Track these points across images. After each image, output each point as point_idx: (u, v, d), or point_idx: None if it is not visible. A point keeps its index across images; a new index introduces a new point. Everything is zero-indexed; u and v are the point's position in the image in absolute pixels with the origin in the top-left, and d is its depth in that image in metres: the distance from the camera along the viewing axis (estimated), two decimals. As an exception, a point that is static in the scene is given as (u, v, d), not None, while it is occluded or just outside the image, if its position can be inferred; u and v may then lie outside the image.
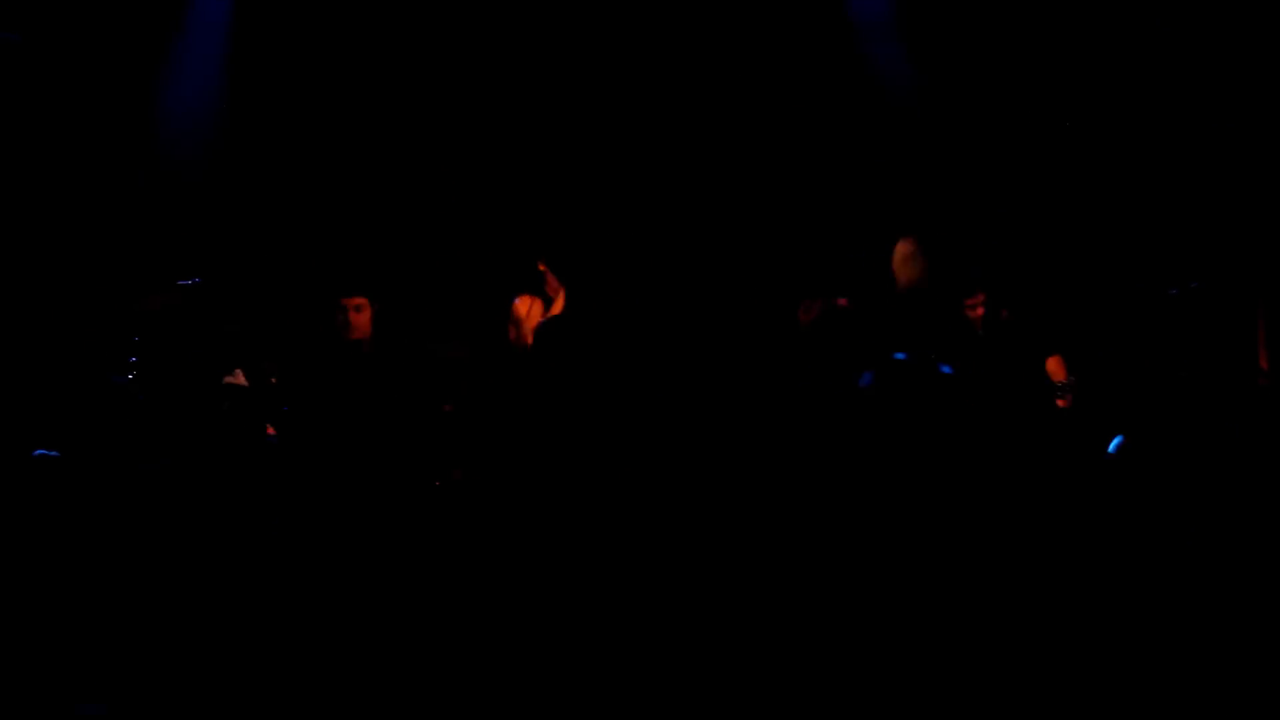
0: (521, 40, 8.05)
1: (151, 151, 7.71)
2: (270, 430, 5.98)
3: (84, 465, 5.31)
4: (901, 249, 5.22)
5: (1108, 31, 7.62)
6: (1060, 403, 6.07)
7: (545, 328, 5.59)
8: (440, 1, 8.04)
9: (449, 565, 4.70)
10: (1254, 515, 5.04)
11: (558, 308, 6.07)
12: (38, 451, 5.46)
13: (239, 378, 6.19)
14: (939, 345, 5.72)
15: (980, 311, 6.20)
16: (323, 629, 4.04)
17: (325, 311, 6.14)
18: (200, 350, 6.34)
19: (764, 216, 8.13)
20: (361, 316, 6.08)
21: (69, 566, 4.47)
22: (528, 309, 6.31)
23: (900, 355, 4.69)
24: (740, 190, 8.15)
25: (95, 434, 5.61)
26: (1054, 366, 6.34)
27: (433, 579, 4.59)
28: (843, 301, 5.99)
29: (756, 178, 8.15)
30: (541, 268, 6.20)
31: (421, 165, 8.10)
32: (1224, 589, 4.31)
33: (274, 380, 5.97)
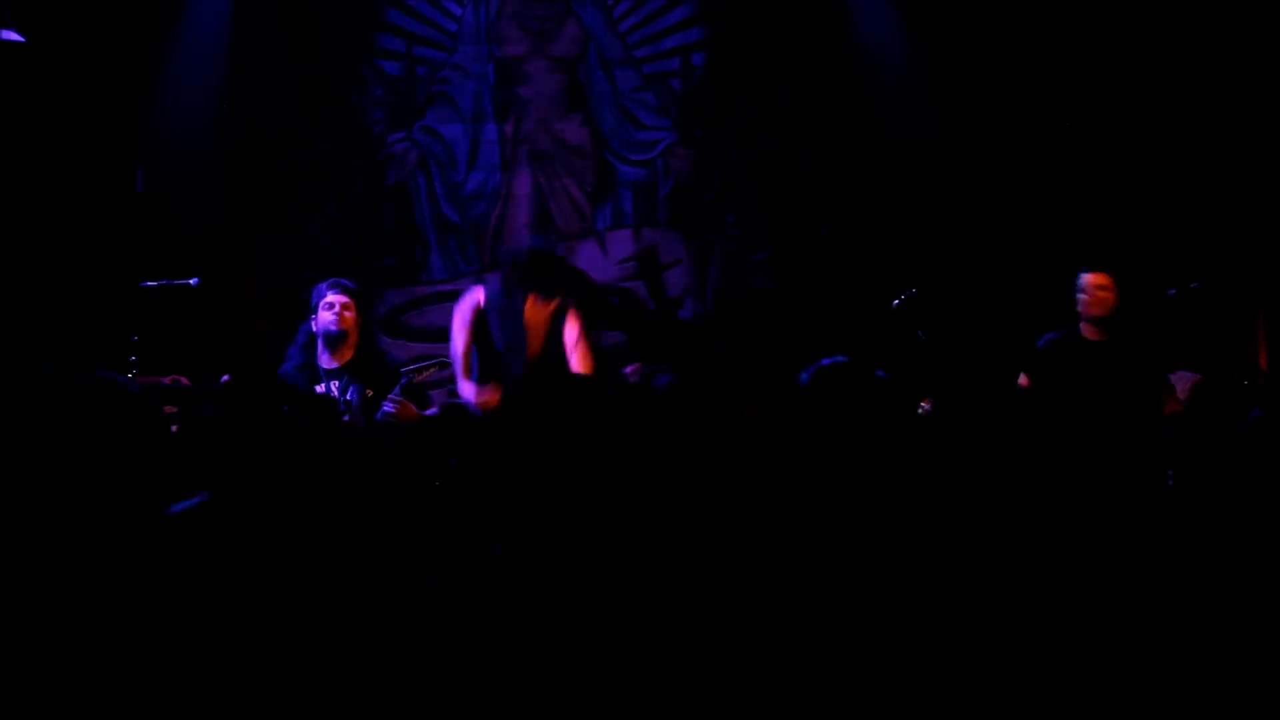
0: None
1: (151, 150, 7.71)
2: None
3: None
4: None
5: (1108, 31, 7.62)
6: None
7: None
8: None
9: (448, 565, 4.70)
10: (1255, 515, 5.04)
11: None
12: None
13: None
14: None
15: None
16: (319, 629, 4.04)
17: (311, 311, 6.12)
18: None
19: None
20: (347, 314, 6.01)
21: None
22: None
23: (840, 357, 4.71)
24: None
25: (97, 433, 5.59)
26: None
27: (431, 580, 4.59)
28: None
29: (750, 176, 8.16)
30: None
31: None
32: (1223, 590, 4.31)
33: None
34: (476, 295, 6.03)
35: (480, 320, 5.95)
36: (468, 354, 5.94)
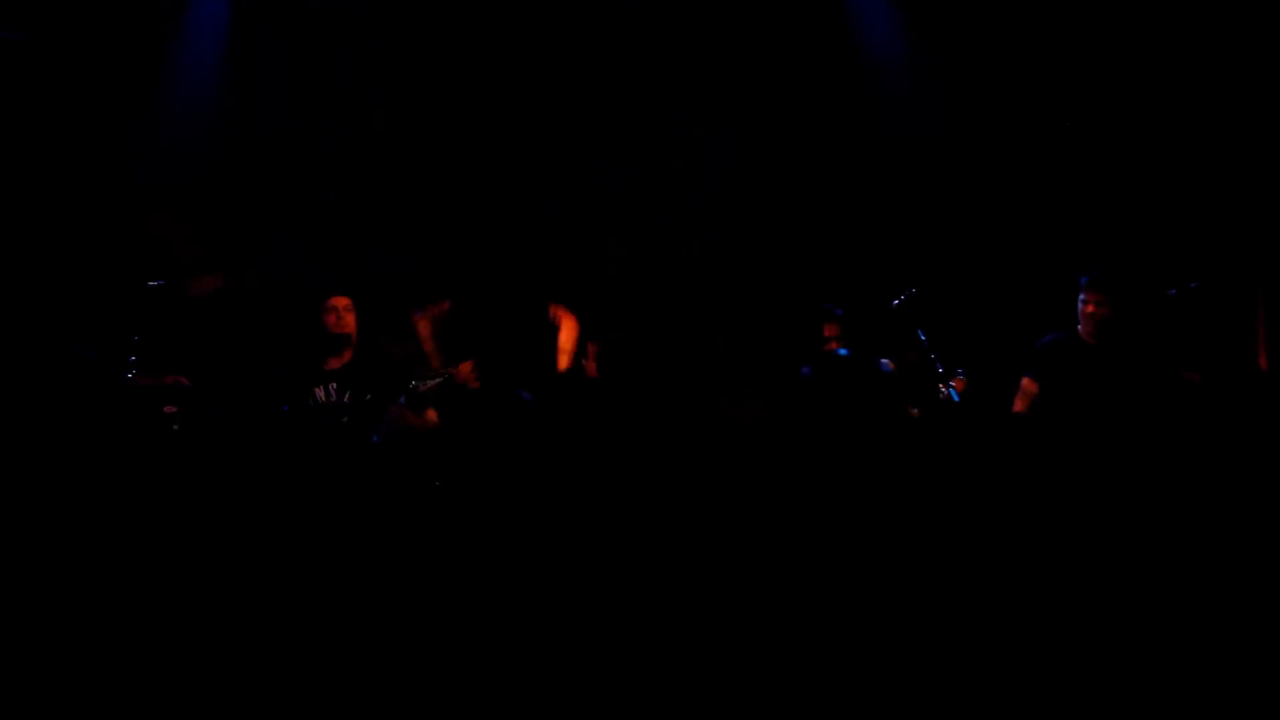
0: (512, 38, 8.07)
1: (150, 150, 7.72)
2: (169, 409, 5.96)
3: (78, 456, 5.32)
4: None
5: (1108, 31, 7.62)
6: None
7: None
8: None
9: (447, 565, 4.70)
10: (1255, 515, 5.04)
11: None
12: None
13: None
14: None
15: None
16: (317, 629, 4.04)
17: (312, 310, 6.18)
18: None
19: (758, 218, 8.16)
20: (349, 315, 6.11)
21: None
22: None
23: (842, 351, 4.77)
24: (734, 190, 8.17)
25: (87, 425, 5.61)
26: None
27: (430, 579, 4.59)
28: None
29: (750, 178, 8.17)
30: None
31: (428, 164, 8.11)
32: (1225, 589, 4.31)
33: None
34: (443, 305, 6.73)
35: (440, 321, 6.65)
36: (432, 346, 6.58)
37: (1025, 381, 6.39)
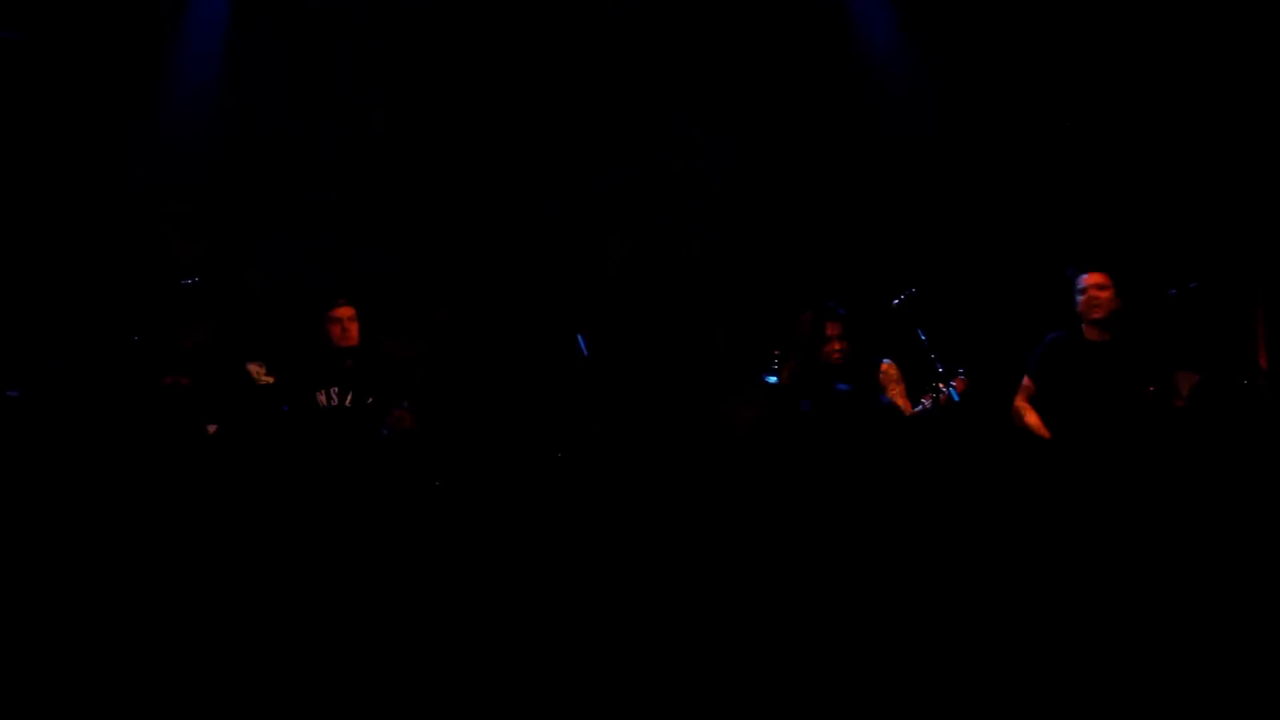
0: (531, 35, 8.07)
1: (150, 150, 7.72)
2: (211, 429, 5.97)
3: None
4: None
5: (1107, 30, 7.63)
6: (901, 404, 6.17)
7: None
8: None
9: (447, 565, 4.70)
10: (1255, 514, 5.04)
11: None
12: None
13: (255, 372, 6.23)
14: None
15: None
16: (316, 629, 4.04)
17: (317, 319, 6.19)
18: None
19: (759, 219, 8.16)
20: (353, 326, 6.13)
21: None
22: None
23: (842, 386, 4.79)
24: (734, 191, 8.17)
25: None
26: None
27: (430, 579, 4.59)
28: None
29: (751, 179, 8.17)
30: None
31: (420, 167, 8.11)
32: (1225, 587, 4.32)
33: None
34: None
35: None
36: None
37: (1026, 379, 6.34)
